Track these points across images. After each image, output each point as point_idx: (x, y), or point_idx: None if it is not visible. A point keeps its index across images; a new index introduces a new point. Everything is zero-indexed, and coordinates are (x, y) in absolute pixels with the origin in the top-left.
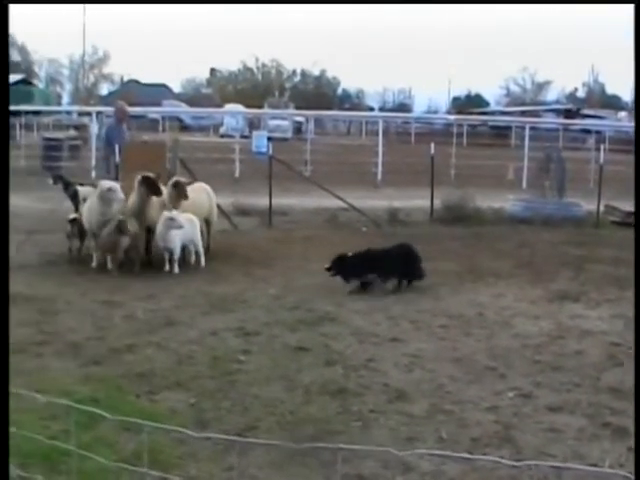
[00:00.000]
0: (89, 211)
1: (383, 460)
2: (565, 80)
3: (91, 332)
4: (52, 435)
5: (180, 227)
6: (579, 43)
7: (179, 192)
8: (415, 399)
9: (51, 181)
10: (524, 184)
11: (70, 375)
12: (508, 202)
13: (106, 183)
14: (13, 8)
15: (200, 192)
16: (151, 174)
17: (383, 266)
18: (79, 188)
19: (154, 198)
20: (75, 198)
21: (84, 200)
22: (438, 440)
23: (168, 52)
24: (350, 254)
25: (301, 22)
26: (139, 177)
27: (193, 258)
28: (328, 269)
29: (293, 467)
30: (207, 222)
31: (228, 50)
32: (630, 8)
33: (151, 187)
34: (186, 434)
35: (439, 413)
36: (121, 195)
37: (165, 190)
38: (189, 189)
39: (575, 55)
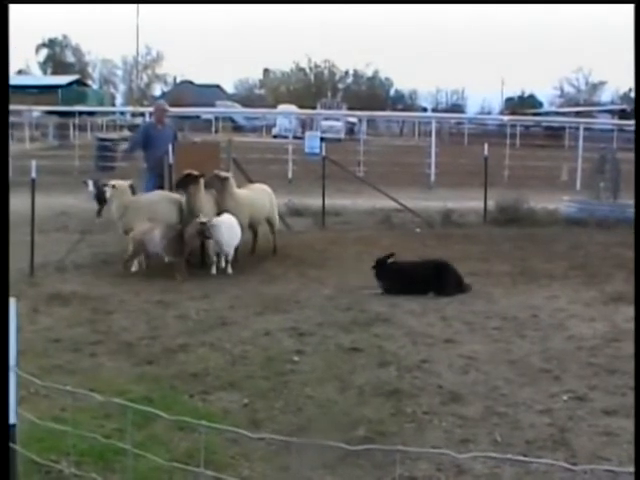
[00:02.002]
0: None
1: (437, 462)
2: (620, 80)
3: (145, 332)
4: (106, 434)
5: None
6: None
7: (213, 184)
8: (469, 401)
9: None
10: (578, 185)
11: (124, 374)
12: (562, 203)
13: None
14: (66, 9)
15: (261, 193)
16: (191, 172)
17: (416, 281)
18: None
19: (204, 197)
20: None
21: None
22: (492, 442)
23: (221, 53)
24: (391, 260)
25: (354, 22)
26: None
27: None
28: (374, 267)
29: (346, 468)
30: (269, 223)
31: (281, 51)
32: (630, 8)
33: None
34: (239, 434)
35: (493, 415)
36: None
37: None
38: (248, 189)
39: (630, 55)
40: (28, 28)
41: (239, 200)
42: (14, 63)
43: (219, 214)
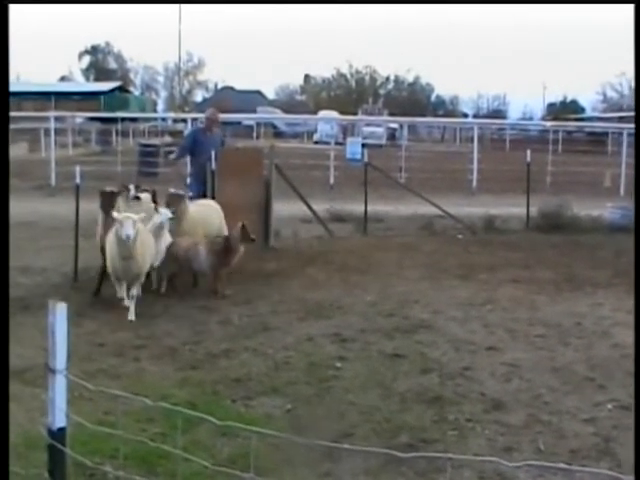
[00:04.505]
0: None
1: (479, 470)
2: None
3: (188, 337)
4: (149, 438)
5: None
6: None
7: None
8: (512, 409)
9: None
10: (622, 191)
11: (167, 379)
12: (606, 210)
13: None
14: (108, 15)
15: (209, 209)
16: (112, 189)
17: None
18: (142, 195)
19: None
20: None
21: None
22: (536, 451)
23: (262, 59)
24: None
25: (395, 28)
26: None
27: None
28: None
29: (388, 475)
30: None
31: (322, 56)
32: (630, 8)
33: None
34: (282, 440)
35: (536, 423)
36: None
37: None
38: (197, 206)
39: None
40: (71, 35)
41: (194, 218)
42: (57, 69)
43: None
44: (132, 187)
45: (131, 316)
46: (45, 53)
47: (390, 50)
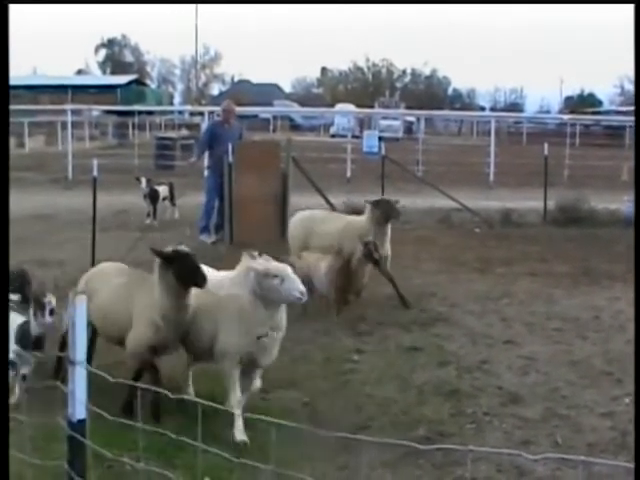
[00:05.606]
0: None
1: (497, 463)
2: None
3: None
4: (166, 430)
5: None
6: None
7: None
8: (529, 402)
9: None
10: None
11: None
12: (623, 203)
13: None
14: (124, 9)
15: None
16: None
17: None
18: (159, 188)
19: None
20: (154, 198)
21: (164, 200)
22: (553, 445)
23: (279, 52)
24: None
25: (412, 21)
26: None
27: None
28: None
29: (405, 468)
30: None
31: (339, 49)
32: (630, 8)
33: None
34: (299, 433)
35: (554, 417)
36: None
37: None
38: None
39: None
40: (87, 28)
41: None
42: (74, 62)
43: None
44: (144, 180)
45: (241, 435)
46: (62, 46)
47: (407, 43)
